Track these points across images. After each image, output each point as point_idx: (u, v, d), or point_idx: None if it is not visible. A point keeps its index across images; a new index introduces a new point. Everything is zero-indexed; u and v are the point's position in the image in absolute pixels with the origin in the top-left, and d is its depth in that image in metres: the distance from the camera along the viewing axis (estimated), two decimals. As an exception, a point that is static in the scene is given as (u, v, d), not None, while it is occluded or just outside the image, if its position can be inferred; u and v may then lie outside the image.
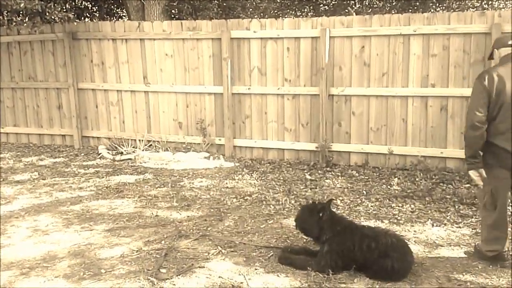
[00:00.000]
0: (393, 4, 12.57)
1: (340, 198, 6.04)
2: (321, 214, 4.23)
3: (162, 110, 8.75)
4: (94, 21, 12.65)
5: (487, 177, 4.03)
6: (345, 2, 12.98)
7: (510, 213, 4.85)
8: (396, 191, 6.25)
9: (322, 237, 4.19)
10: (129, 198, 6.29)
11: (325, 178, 6.99)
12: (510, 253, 4.27)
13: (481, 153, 4.00)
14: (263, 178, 7.04)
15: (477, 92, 3.95)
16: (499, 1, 12.89)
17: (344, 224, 4.24)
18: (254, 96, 8.09)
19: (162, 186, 6.81)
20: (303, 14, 14.53)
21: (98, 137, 9.28)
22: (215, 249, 4.62)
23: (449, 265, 4.24)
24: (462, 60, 6.94)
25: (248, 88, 8.08)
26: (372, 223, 5.19)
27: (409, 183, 6.53)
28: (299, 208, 4.88)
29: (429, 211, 5.57)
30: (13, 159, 8.54)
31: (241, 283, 3.96)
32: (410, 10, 12.15)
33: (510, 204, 4.94)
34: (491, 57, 4.31)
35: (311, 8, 14.33)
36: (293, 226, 5.15)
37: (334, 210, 4.40)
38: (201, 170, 7.58)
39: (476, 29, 6.79)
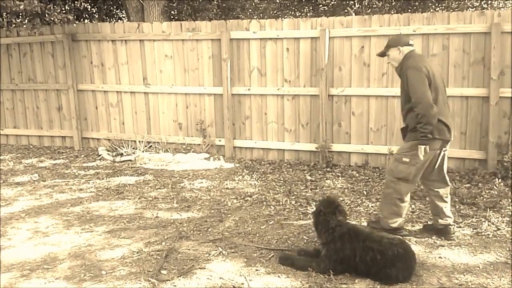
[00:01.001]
0: (393, 4, 12.57)
1: (341, 198, 6.04)
2: (316, 215, 4.22)
3: (162, 111, 8.75)
4: (94, 22, 12.67)
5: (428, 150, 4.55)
6: (344, 3, 12.97)
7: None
8: (397, 191, 6.24)
9: (322, 238, 4.18)
10: (130, 199, 6.29)
11: (325, 178, 6.99)
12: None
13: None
14: (263, 179, 7.04)
15: (420, 80, 4.48)
16: (499, 1, 12.89)
17: (345, 229, 4.09)
18: (254, 96, 8.09)
19: (162, 187, 6.80)
20: (302, 14, 14.52)
21: (98, 139, 9.28)
22: (216, 250, 4.62)
23: (450, 265, 4.24)
24: (462, 60, 6.94)
25: (248, 89, 8.08)
26: (372, 224, 5.19)
27: (409, 183, 6.52)
28: (320, 199, 4.83)
29: (430, 211, 5.55)
30: (13, 161, 8.53)
31: (242, 284, 3.96)
32: (409, 10, 12.15)
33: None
34: (384, 54, 4.85)
35: (311, 8, 14.33)
36: (294, 227, 5.17)
37: (333, 216, 4.20)
38: (201, 171, 7.58)
39: (475, 29, 6.80)
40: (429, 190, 4.93)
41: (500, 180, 6.30)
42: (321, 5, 13.57)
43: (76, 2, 12.23)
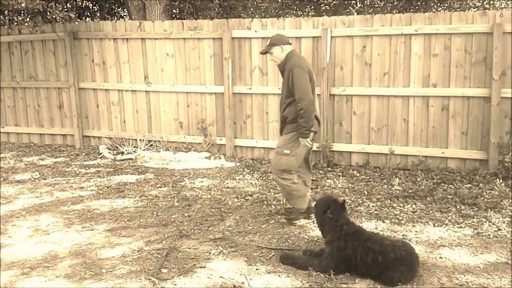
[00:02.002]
0: (395, 3, 12.55)
1: (342, 198, 6.03)
2: (323, 212, 4.19)
3: (163, 109, 8.75)
4: (95, 20, 12.67)
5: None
6: (346, 2, 12.96)
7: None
8: (397, 191, 6.25)
9: (325, 236, 4.18)
10: (130, 198, 6.29)
11: (326, 178, 6.99)
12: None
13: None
14: (264, 178, 7.04)
15: (305, 78, 4.90)
16: (501, 1, 12.87)
17: (348, 230, 4.08)
18: (255, 96, 8.09)
19: (163, 186, 6.81)
20: (304, 13, 14.51)
21: (99, 137, 9.28)
22: (216, 249, 4.62)
23: (450, 265, 4.24)
24: (464, 60, 6.93)
25: (249, 88, 8.08)
26: (373, 223, 5.20)
27: (410, 183, 6.52)
28: (319, 197, 4.96)
29: (431, 211, 5.56)
30: (14, 159, 8.54)
31: (242, 283, 3.96)
32: (411, 10, 12.13)
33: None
34: (267, 52, 5.20)
35: (312, 7, 14.32)
36: (294, 226, 5.17)
37: (343, 212, 4.25)
38: (202, 170, 7.58)
39: (477, 29, 6.79)
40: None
41: (501, 180, 6.30)
42: (323, 5, 13.56)
43: (78, 0, 12.24)
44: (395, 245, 3.95)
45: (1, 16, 8.69)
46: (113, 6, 13.67)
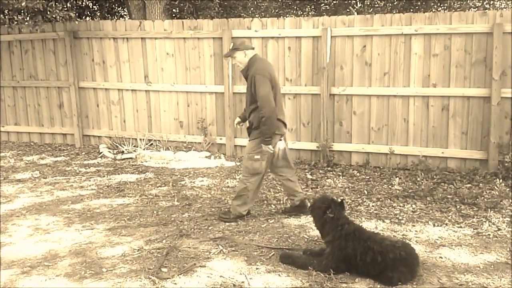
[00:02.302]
0: (395, 3, 12.55)
1: (341, 197, 6.03)
2: (325, 213, 4.18)
3: (163, 109, 8.75)
4: (95, 20, 12.66)
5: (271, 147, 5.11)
6: (346, 2, 12.95)
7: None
8: (397, 191, 6.25)
9: (326, 236, 4.18)
10: (130, 197, 6.29)
11: (326, 177, 6.99)
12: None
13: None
14: (264, 178, 7.02)
15: (266, 85, 4.93)
16: (501, 1, 12.87)
17: (349, 229, 4.09)
18: (255, 95, 8.08)
19: (163, 185, 6.81)
20: (304, 13, 14.50)
21: (99, 136, 9.28)
22: (216, 248, 4.62)
23: (450, 265, 4.24)
24: (464, 60, 6.93)
25: (249, 88, 8.07)
26: (373, 223, 5.20)
27: (410, 183, 6.53)
28: (315, 198, 4.94)
29: (430, 211, 5.56)
30: (14, 158, 8.54)
31: (242, 282, 3.96)
32: (411, 10, 12.13)
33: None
34: (229, 56, 5.24)
35: (312, 7, 14.31)
36: (294, 226, 5.17)
37: (343, 211, 4.28)
38: (202, 169, 7.58)
39: (477, 29, 6.79)
40: (278, 176, 5.52)
41: (501, 180, 6.30)
42: (323, 4, 13.55)
43: (78, -1, 12.24)
44: (395, 246, 3.95)
45: (2, 15, 8.69)
46: (113, 6, 13.67)
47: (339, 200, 4.32)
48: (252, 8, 13.99)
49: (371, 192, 6.29)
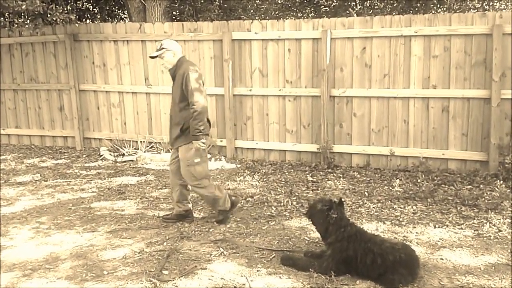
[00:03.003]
0: (394, 5, 12.56)
1: (339, 197, 6.02)
2: (328, 214, 4.17)
3: (164, 111, 8.75)
4: (96, 22, 12.69)
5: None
6: (346, 4, 12.97)
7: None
8: (398, 193, 6.26)
9: (327, 238, 4.18)
10: (131, 199, 6.30)
11: (326, 179, 6.99)
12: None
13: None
14: (264, 180, 7.04)
15: (199, 83, 5.01)
16: (500, 2, 12.89)
17: (351, 231, 4.10)
18: (255, 97, 8.10)
19: (164, 187, 6.81)
20: (304, 15, 14.52)
21: (99, 139, 9.29)
22: (217, 250, 4.62)
23: (451, 266, 4.25)
24: (464, 61, 6.94)
25: (250, 90, 8.09)
26: (374, 225, 5.21)
27: (410, 185, 6.53)
28: (313, 201, 4.89)
29: (431, 213, 5.57)
30: (15, 161, 8.55)
31: (243, 284, 3.97)
32: (411, 11, 12.14)
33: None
34: (157, 56, 5.17)
35: (312, 9, 14.32)
36: (295, 228, 5.17)
37: (344, 213, 4.29)
38: (203, 172, 7.57)
39: (477, 30, 6.80)
40: (177, 180, 5.32)
41: (501, 181, 6.30)
42: (322, 6, 13.57)
43: (78, 2, 12.27)
44: (395, 248, 3.96)
45: (2, 18, 8.70)
46: (113, 8, 13.68)
47: (338, 200, 4.32)
48: (252, 11, 14.01)
49: (371, 194, 6.30)
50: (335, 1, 13.44)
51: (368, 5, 12.92)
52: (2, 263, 4.49)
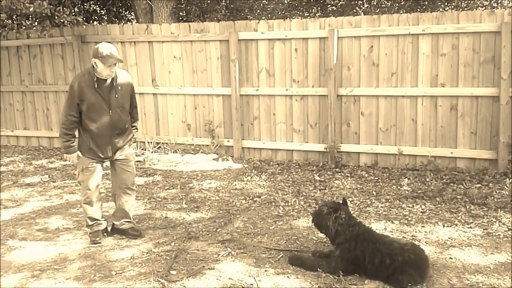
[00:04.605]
0: (402, 3, 12.50)
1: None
2: (336, 216, 4.14)
3: (171, 112, 8.77)
4: (103, 24, 12.73)
5: None
6: (353, 2, 12.92)
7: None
8: (407, 192, 6.22)
9: (335, 240, 4.15)
10: (139, 200, 6.31)
11: (334, 179, 6.97)
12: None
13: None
14: (272, 180, 7.03)
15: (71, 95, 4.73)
16: (509, 0, 12.78)
17: (359, 231, 4.09)
18: (262, 97, 8.09)
19: (171, 188, 6.82)
20: (310, 14, 14.48)
21: (107, 140, 9.30)
22: (225, 250, 4.62)
23: (460, 265, 4.21)
24: (472, 59, 6.89)
25: (256, 90, 8.08)
26: (382, 224, 5.18)
27: (419, 184, 6.50)
28: (318, 205, 4.87)
29: (440, 212, 5.53)
30: (23, 162, 8.59)
31: (251, 284, 3.96)
32: (418, 10, 12.08)
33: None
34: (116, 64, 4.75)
35: (319, 8, 14.29)
36: (303, 227, 5.16)
37: (351, 214, 4.28)
38: (210, 172, 7.59)
39: (485, 28, 6.75)
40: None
41: (511, 180, 6.25)
42: (329, 5, 13.53)
43: (85, 4, 12.31)
44: (404, 248, 3.92)
45: (10, 21, 8.75)
46: (120, 10, 13.72)
47: (342, 200, 4.30)
48: (258, 10, 14.00)
49: (380, 193, 6.27)
50: (341, 0, 13.40)
51: (375, 3, 12.87)
52: (11, 264, 4.51)
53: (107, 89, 4.74)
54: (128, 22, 14.08)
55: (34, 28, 8.78)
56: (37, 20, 8.98)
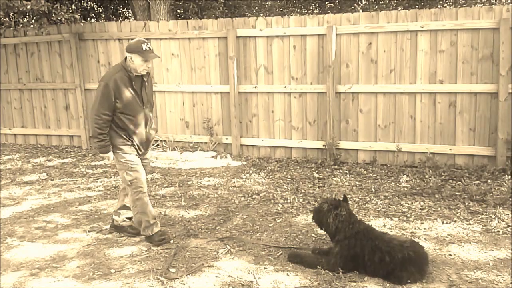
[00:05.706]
0: (400, 0, 12.49)
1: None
2: (336, 213, 4.14)
3: (169, 109, 8.76)
4: (100, 21, 12.70)
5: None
6: (351, -1, 12.91)
7: None
8: (405, 189, 6.22)
9: (335, 236, 4.15)
10: (137, 198, 6.29)
11: (333, 176, 6.97)
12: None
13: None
14: (270, 177, 7.02)
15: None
16: (507, -4, 12.77)
17: (359, 227, 4.09)
18: (260, 94, 8.08)
19: (170, 185, 6.81)
20: (309, 11, 14.46)
21: (105, 137, 9.28)
22: (224, 248, 4.61)
23: (460, 262, 4.22)
24: (470, 56, 6.88)
25: (255, 87, 8.06)
26: (381, 221, 5.18)
27: (418, 180, 6.50)
28: (318, 202, 4.86)
29: (439, 208, 5.53)
30: (21, 160, 8.57)
31: (251, 282, 3.96)
32: (417, 6, 12.06)
33: None
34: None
35: (317, 5, 14.26)
36: (302, 225, 5.15)
37: (351, 211, 4.27)
38: (209, 169, 7.58)
39: (484, 25, 6.74)
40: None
41: (509, 176, 6.26)
42: (327, 2, 13.50)
43: (82, 1, 12.28)
44: (403, 245, 3.92)
45: (7, 18, 8.73)
46: (118, 7, 13.69)
47: (343, 196, 4.30)
48: (256, 7, 13.97)
49: (378, 190, 6.27)
50: (340, -3, 13.37)
51: (373, 0, 12.85)
52: (10, 263, 4.50)
53: (139, 85, 4.69)
54: (125, 20, 14.05)
55: (32, 25, 8.75)
56: (35, 18, 8.95)
